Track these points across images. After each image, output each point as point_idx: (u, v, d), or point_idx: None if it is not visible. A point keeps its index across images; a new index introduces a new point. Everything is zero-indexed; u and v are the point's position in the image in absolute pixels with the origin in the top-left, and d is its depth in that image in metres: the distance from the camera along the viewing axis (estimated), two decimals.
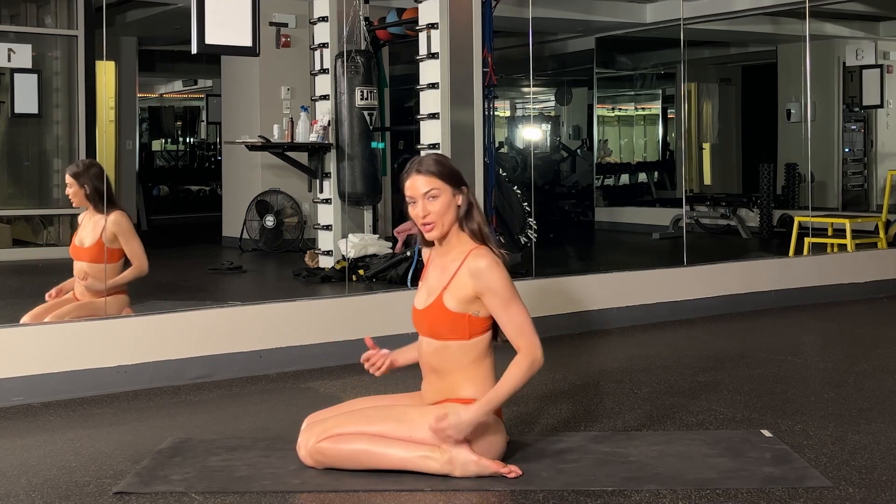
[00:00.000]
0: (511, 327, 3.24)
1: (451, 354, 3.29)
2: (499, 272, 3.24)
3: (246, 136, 8.57)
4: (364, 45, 7.99)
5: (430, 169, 3.29)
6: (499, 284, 3.23)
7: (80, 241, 5.33)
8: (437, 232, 3.31)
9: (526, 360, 3.20)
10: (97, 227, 5.28)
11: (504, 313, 3.24)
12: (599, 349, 5.63)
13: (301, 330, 5.14)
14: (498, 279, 3.23)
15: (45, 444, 3.79)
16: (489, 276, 3.23)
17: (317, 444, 3.28)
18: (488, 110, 7.32)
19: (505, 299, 3.23)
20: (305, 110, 8.15)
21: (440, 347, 3.31)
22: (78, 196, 5.30)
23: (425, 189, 3.27)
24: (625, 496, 3.08)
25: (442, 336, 3.30)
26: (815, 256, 7.70)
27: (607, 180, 13.89)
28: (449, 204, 3.29)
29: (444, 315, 3.28)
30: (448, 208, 3.28)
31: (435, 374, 3.35)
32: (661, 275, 6.64)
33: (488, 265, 3.23)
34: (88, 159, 5.71)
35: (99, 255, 5.25)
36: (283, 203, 9.50)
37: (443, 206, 3.27)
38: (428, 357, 3.36)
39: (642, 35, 12.37)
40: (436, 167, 3.30)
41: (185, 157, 16.94)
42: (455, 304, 3.27)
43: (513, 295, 3.24)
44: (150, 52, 13.26)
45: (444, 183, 3.28)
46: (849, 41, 12.03)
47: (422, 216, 3.29)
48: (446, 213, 3.28)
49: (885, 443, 3.63)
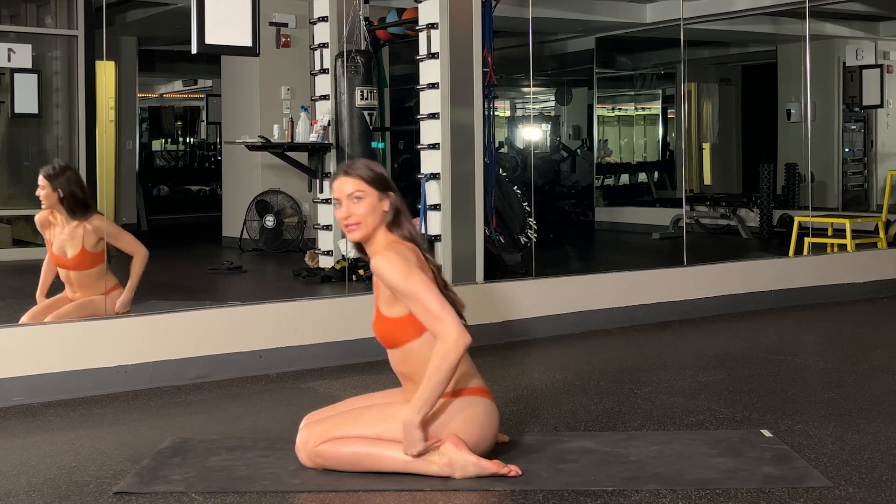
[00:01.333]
0: (422, 317, 3.19)
1: (414, 356, 3.28)
2: (390, 267, 3.19)
3: (246, 136, 8.57)
4: (364, 45, 7.98)
5: (358, 172, 3.31)
6: (394, 278, 3.18)
7: (61, 250, 5.25)
8: (360, 233, 3.31)
9: (441, 348, 3.13)
10: (75, 234, 5.21)
11: (412, 306, 3.20)
12: (599, 349, 5.62)
13: (301, 330, 5.14)
14: (391, 274, 3.19)
15: (45, 444, 3.79)
16: (382, 273, 3.21)
17: (316, 447, 3.28)
18: (488, 110, 7.32)
19: (405, 292, 3.19)
20: (305, 110, 8.14)
21: (403, 354, 3.31)
22: (50, 199, 5.20)
23: (350, 190, 3.29)
24: (625, 496, 3.08)
25: (398, 342, 3.30)
26: (815, 256, 7.70)
27: (607, 180, 13.89)
28: (373, 207, 3.29)
29: (388, 323, 3.29)
30: (372, 211, 3.29)
31: (409, 381, 3.34)
32: (661, 275, 6.64)
33: (379, 263, 3.21)
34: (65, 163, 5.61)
35: (83, 263, 5.23)
36: (283, 203, 9.50)
37: (367, 208, 3.29)
38: (398, 367, 3.36)
39: (642, 35, 12.36)
40: (364, 171, 3.32)
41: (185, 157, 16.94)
42: (389, 309, 3.28)
43: (411, 284, 3.18)
44: (150, 52, 13.25)
45: (369, 186, 3.29)
46: (849, 41, 12.03)
47: (344, 217, 3.31)
48: (370, 215, 3.29)
49: (885, 443, 3.63)
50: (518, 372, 4.96)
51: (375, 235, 3.32)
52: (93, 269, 5.26)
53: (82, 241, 5.21)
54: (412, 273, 3.19)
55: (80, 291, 5.29)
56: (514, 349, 5.49)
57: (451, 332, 3.14)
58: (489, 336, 5.53)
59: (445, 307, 3.17)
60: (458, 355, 3.13)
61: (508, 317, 5.80)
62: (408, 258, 3.23)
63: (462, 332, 3.14)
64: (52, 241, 5.29)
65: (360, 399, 3.55)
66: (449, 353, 3.12)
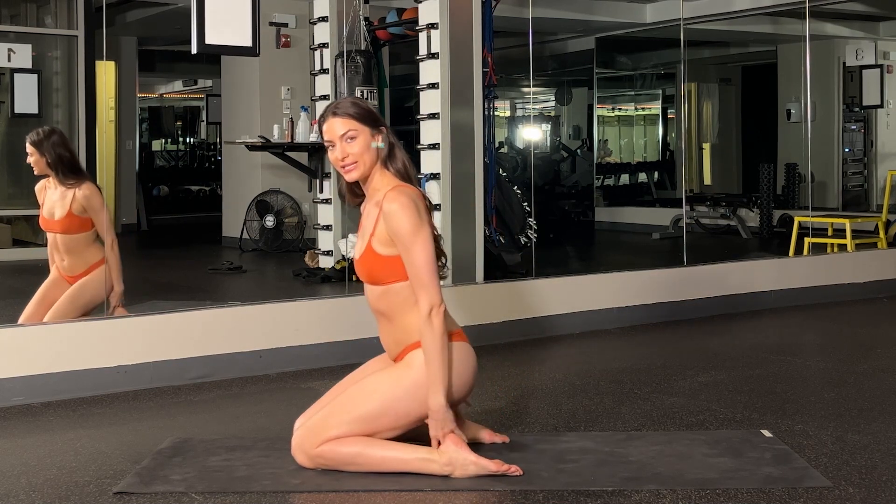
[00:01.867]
0: (411, 274, 3.21)
1: (395, 296, 3.29)
2: (404, 215, 3.20)
3: (246, 136, 8.57)
4: (364, 45, 7.98)
5: (346, 111, 3.31)
6: (402, 228, 3.20)
7: (50, 213, 5.26)
8: (357, 172, 3.33)
9: (430, 327, 3.17)
10: (65, 197, 5.22)
11: (406, 258, 3.22)
12: (599, 349, 5.62)
13: (301, 330, 5.14)
14: (401, 222, 3.20)
15: (45, 444, 3.79)
16: (393, 219, 3.21)
17: (316, 448, 3.28)
18: (488, 110, 7.31)
19: (406, 244, 3.20)
20: (305, 110, 8.14)
21: (383, 292, 3.32)
22: (39, 164, 5.26)
23: (342, 131, 3.30)
24: (625, 496, 3.08)
25: (382, 280, 3.31)
26: (815, 256, 7.70)
27: (607, 180, 13.88)
28: (368, 144, 3.30)
29: (378, 260, 3.29)
30: (367, 148, 3.30)
31: (385, 319, 3.35)
32: (661, 275, 6.64)
33: (396, 209, 3.21)
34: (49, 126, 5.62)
35: (70, 226, 5.21)
36: (283, 203, 9.50)
37: (361, 146, 3.30)
38: (375, 303, 3.37)
39: (642, 35, 12.36)
40: (353, 109, 3.32)
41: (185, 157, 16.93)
42: (383, 247, 3.28)
43: (416, 240, 3.19)
44: (150, 52, 13.25)
45: (361, 124, 3.30)
46: (849, 41, 12.03)
47: (340, 158, 3.31)
48: (365, 153, 3.30)
49: (885, 443, 3.63)
50: (518, 372, 4.96)
51: (373, 173, 3.33)
52: (80, 235, 5.23)
53: (70, 204, 5.20)
54: (421, 228, 3.21)
55: (67, 259, 5.24)
56: (514, 349, 5.49)
57: (431, 300, 3.17)
58: (489, 336, 5.53)
59: (434, 275, 3.21)
60: (440, 322, 3.17)
61: (508, 317, 5.80)
62: (419, 207, 3.24)
63: (440, 301, 3.18)
64: (44, 204, 5.31)
65: (339, 386, 3.52)
66: (433, 330, 3.16)
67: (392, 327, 3.34)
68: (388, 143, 3.35)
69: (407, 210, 3.20)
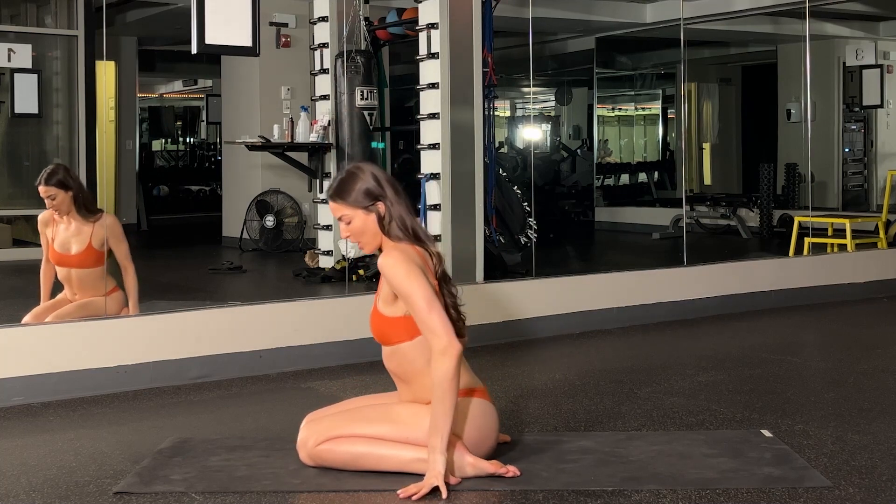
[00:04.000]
0: (418, 321, 3.19)
1: (403, 357, 3.29)
2: (396, 269, 3.18)
3: (246, 136, 8.56)
4: (364, 45, 7.99)
5: (337, 196, 3.29)
6: (395, 278, 3.18)
7: (65, 247, 5.18)
8: (367, 248, 3.34)
9: (438, 367, 3.10)
10: (82, 230, 5.16)
11: (409, 308, 3.20)
12: (600, 349, 5.63)
13: (301, 330, 5.14)
14: (394, 272, 3.18)
15: (45, 444, 3.78)
16: (387, 273, 3.21)
17: (316, 446, 3.29)
18: (488, 110, 7.32)
19: (403, 292, 3.18)
20: (305, 110, 8.14)
21: (392, 352, 3.33)
22: (65, 202, 5.11)
23: (337, 215, 3.32)
24: (625, 496, 3.08)
25: (389, 340, 3.31)
26: (815, 256, 7.70)
27: (607, 180, 13.89)
28: (364, 224, 3.29)
29: (383, 321, 3.30)
30: (365, 228, 3.29)
31: (399, 380, 3.36)
32: (661, 275, 6.64)
33: (389, 263, 3.20)
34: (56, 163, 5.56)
35: (87, 260, 5.16)
36: (283, 203, 9.50)
37: (357, 227, 3.30)
38: (387, 363, 3.38)
39: (642, 35, 12.36)
40: (339, 194, 3.29)
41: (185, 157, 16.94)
42: (386, 307, 3.29)
43: (409, 284, 3.16)
44: (150, 52, 13.25)
45: (350, 208, 3.28)
46: (849, 41, 12.03)
47: (344, 238, 3.35)
48: (364, 232, 3.30)
49: (885, 443, 3.63)
50: (518, 372, 4.96)
51: (385, 242, 3.32)
52: (95, 269, 5.19)
53: (90, 237, 5.15)
54: (412, 275, 3.17)
55: (79, 293, 5.22)
56: (514, 349, 5.49)
57: (439, 342, 3.12)
58: (489, 336, 5.53)
59: (441, 318, 3.14)
60: (451, 365, 3.10)
61: (508, 317, 5.80)
62: (411, 259, 3.23)
63: (451, 343, 3.11)
64: (55, 239, 5.20)
65: (363, 399, 3.56)
66: (446, 373, 3.09)
67: (408, 389, 3.33)
68: (388, 217, 3.29)
69: (398, 262, 3.19)
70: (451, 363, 3.10)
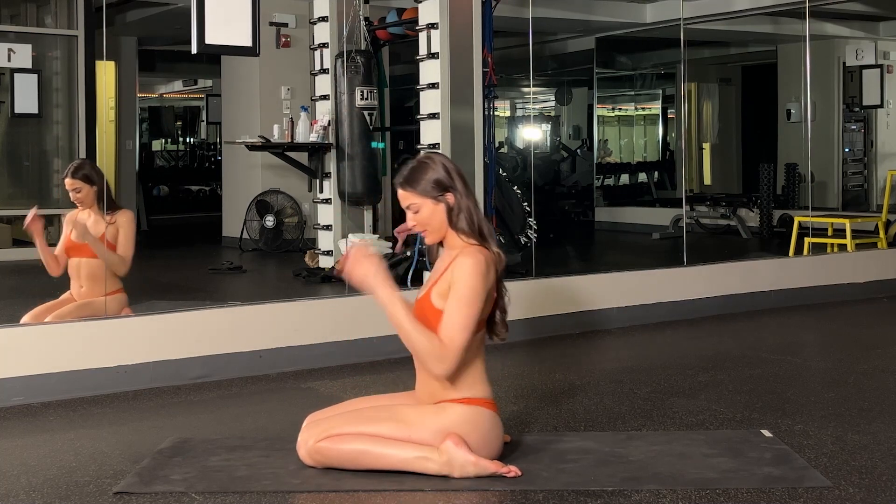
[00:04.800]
0: (448, 322, 3.19)
1: None
2: (473, 274, 3.19)
3: (246, 136, 8.57)
4: (364, 45, 7.98)
5: (405, 184, 3.29)
6: (463, 283, 3.19)
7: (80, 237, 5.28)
8: (431, 238, 3.34)
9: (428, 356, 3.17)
10: (98, 223, 5.27)
11: (452, 306, 3.20)
12: (599, 349, 5.63)
13: (301, 330, 5.14)
14: (466, 281, 3.19)
15: (45, 444, 3.78)
16: (461, 272, 3.20)
17: (316, 444, 3.28)
18: (488, 110, 7.32)
19: (458, 299, 3.19)
20: (305, 110, 8.14)
21: None
22: (89, 196, 5.29)
23: (405, 203, 3.31)
24: (625, 496, 3.08)
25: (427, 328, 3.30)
26: (815, 256, 7.70)
27: (607, 180, 13.89)
28: (432, 213, 3.28)
29: (430, 310, 3.28)
30: (432, 217, 3.29)
31: (426, 371, 3.34)
32: (661, 275, 6.64)
33: (470, 264, 3.20)
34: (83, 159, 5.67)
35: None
36: (283, 203, 9.50)
37: (425, 217, 3.29)
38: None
39: (642, 35, 12.36)
40: (410, 182, 3.29)
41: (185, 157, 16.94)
42: (439, 300, 3.26)
43: (467, 303, 3.18)
44: (150, 52, 13.25)
45: (421, 197, 3.28)
46: (849, 41, 12.03)
47: (411, 227, 3.33)
48: (431, 222, 3.29)
49: (885, 443, 3.63)
50: (518, 372, 4.96)
51: (449, 234, 3.32)
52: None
53: (105, 229, 5.25)
54: (478, 291, 3.19)
55: (86, 286, 5.28)
56: (514, 349, 5.48)
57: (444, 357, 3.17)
58: None
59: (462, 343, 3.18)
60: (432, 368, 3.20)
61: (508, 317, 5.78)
62: (489, 274, 3.23)
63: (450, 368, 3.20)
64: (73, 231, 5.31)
65: (364, 399, 3.55)
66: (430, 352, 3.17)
67: (429, 378, 3.33)
68: (457, 207, 3.29)
69: (477, 271, 3.19)
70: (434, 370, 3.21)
